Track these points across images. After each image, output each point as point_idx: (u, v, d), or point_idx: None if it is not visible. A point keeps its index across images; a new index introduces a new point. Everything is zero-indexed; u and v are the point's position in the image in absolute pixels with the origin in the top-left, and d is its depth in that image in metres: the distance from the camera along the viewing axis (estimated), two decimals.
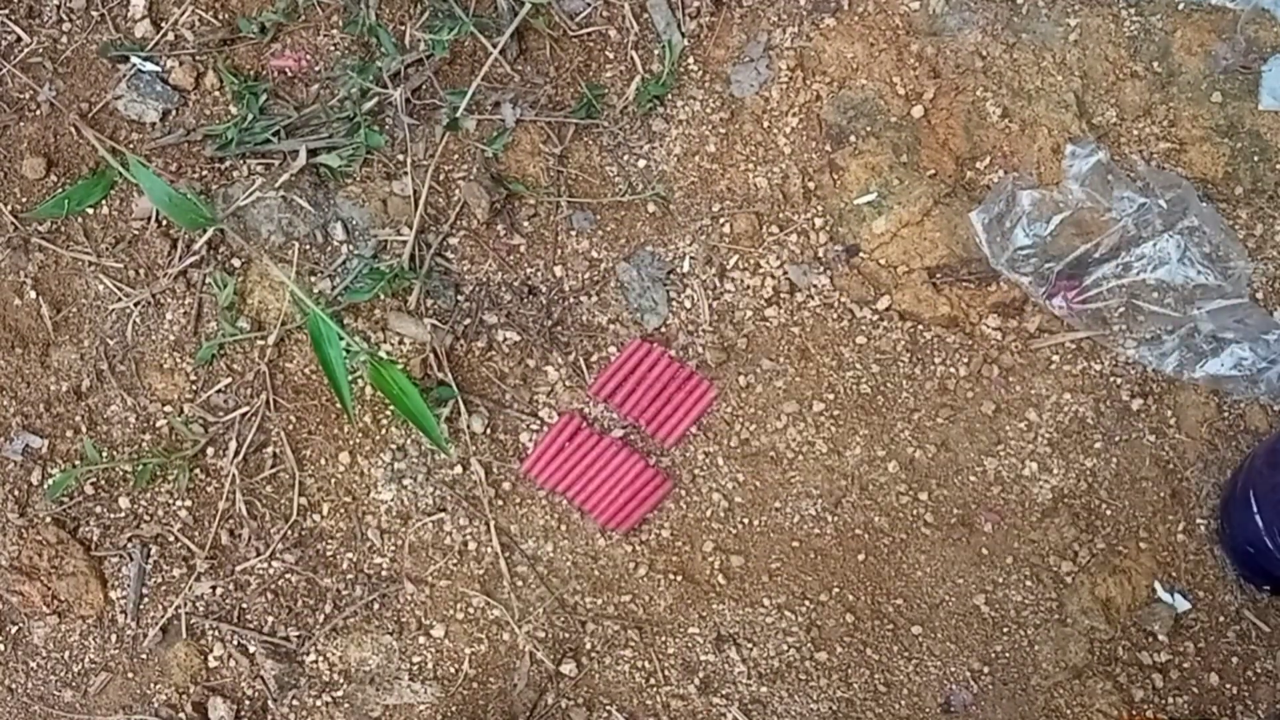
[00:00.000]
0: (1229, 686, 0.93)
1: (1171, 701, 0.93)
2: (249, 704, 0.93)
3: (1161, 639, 0.94)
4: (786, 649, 0.94)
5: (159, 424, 0.96)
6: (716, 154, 0.98)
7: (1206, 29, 0.98)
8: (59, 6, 1.00)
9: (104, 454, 0.95)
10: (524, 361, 0.96)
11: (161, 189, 0.91)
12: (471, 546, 0.95)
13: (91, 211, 0.98)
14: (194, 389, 0.96)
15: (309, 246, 0.97)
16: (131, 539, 0.95)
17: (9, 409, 0.96)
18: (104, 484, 0.96)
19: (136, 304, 0.96)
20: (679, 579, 0.94)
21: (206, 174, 0.98)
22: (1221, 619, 0.94)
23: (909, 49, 0.98)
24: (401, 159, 0.97)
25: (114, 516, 0.95)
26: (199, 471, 0.95)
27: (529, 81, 0.99)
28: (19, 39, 0.99)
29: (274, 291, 0.96)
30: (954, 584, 0.94)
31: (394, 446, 0.95)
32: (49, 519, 0.95)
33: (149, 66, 0.98)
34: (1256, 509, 0.88)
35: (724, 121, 0.98)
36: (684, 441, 0.95)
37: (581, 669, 0.94)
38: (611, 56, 1.00)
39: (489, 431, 0.96)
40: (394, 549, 0.95)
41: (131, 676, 0.94)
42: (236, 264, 0.97)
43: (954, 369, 0.95)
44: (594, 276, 0.97)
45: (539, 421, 0.96)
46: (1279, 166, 0.97)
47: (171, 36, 0.99)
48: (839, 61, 0.98)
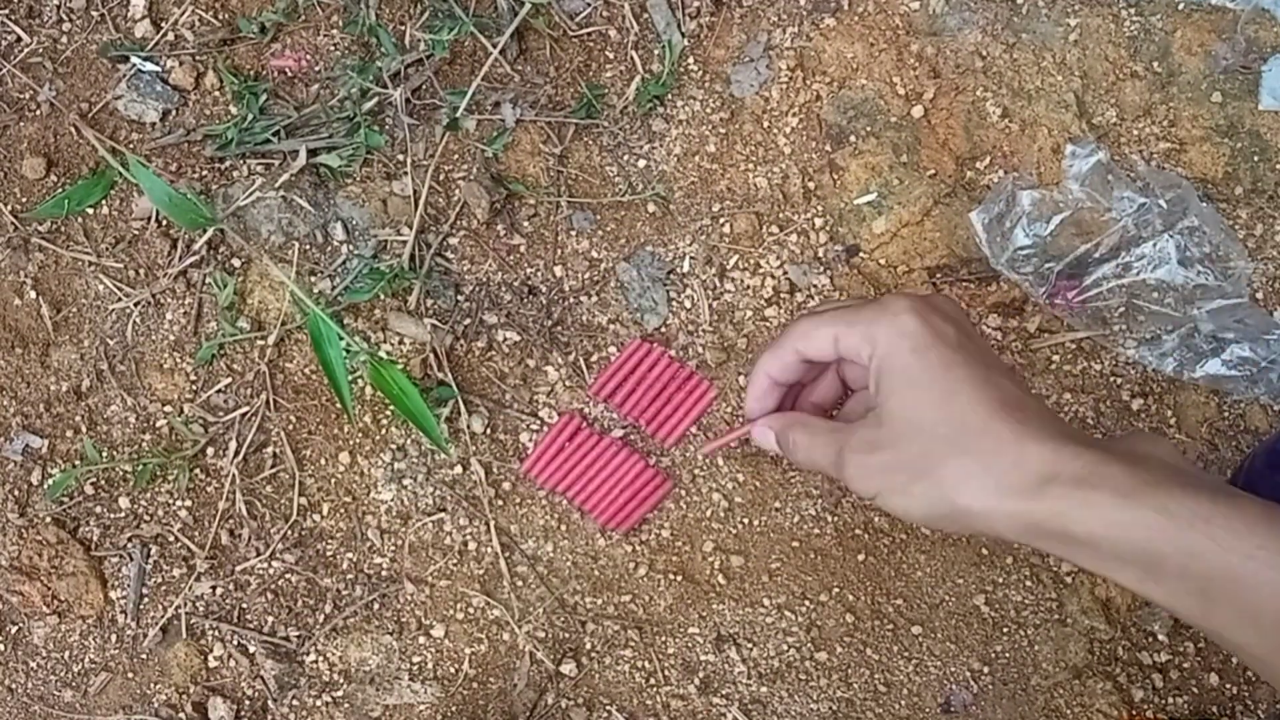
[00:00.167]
0: (1229, 686, 0.94)
1: (1171, 701, 0.93)
2: (249, 704, 0.94)
3: (1161, 639, 0.94)
4: (786, 649, 0.94)
5: (159, 424, 0.96)
6: (716, 154, 0.98)
7: (1206, 29, 0.98)
8: (59, 6, 1.00)
9: (104, 454, 0.95)
10: (524, 361, 0.96)
11: (161, 189, 0.91)
12: (471, 546, 0.95)
13: (91, 211, 0.98)
14: (194, 389, 0.96)
15: (309, 246, 0.97)
16: (131, 539, 0.95)
17: (9, 409, 0.96)
18: (104, 484, 0.96)
19: (136, 304, 0.97)
20: (679, 579, 0.94)
21: (206, 174, 0.98)
22: None
23: (909, 49, 0.98)
24: (401, 159, 0.97)
25: (114, 516, 0.95)
26: (199, 471, 0.95)
27: (529, 81, 0.99)
28: (19, 39, 0.99)
29: (274, 291, 0.96)
30: (954, 584, 0.94)
31: (394, 446, 0.95)
32: (49, 519, 0.95)
33: (149, 66, 0.98)
34: None
35: (724, 121, 0.98)
36: (684, 441, 0.95)
37: (581, 669, 0.94)
38: (611, 56, 1.00)
39: (489, 431, 0.96)
40: (394, 549, 0.95)
41: (131, 676, 0.94)
42: (236, 264, 0.97)
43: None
44: (594, 276, 0.97)
45: (539, 421, 0.96)
46: (1279, 166, 0.97)
47: (171, 36, 0.99)
48: (839, 61, 0.98)
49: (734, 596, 0.94)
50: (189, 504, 0.95)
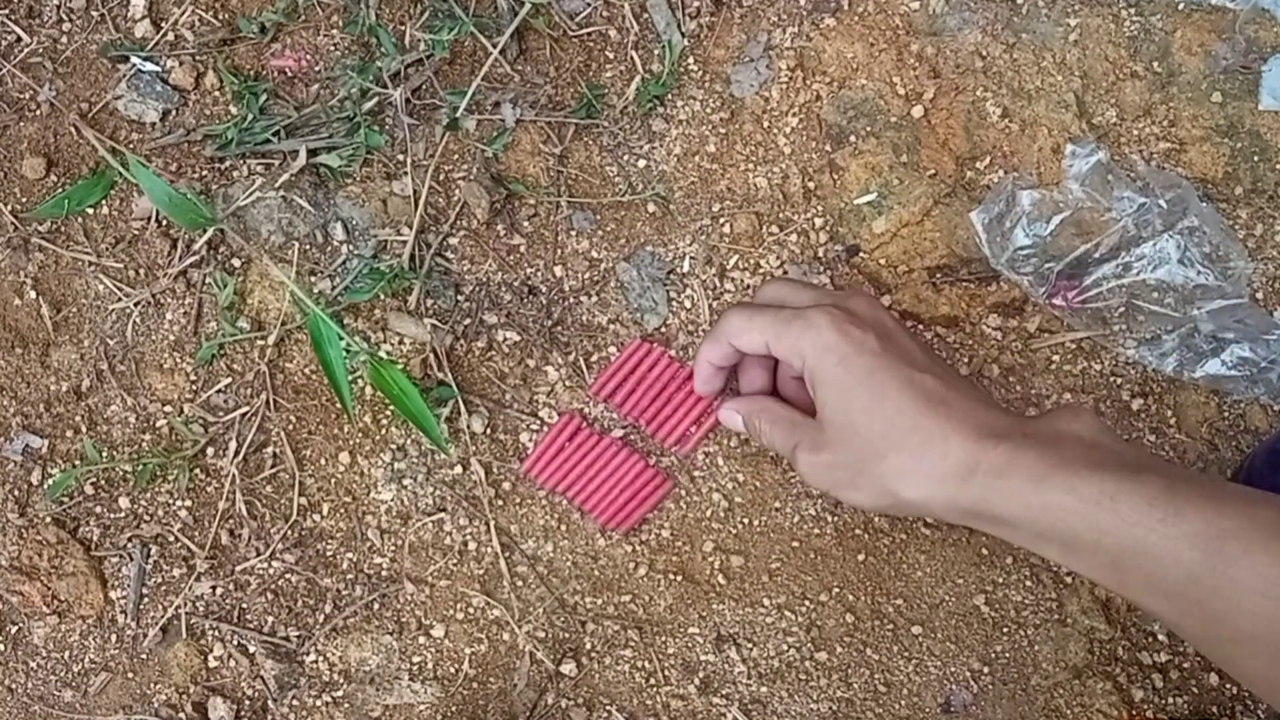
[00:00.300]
0: (1229, 686, 0.94)
1: (1171, 701, 0.93)
2: (249, 704, 0.94)
3: (1161, 639, 0.94)
4: (786, 649, 0.94)
5: (159, 424, 0.96)
6: (716, 154, 0.98)
7: (1206, 29, 0.98)
8: (59, 6, 1.00)
9: (104, 454, 0.95)
10: (524, 361, 0.96)
11: (161, 189, 0.91)
12: (471, 546, 0.95)
13: (91, 211, 0.98)
14: (194, 389, 0.96)
15: (309, 246, 0.97)
16: (131, 539, 0.95)
17: (9, 409, 0.96)
18: (104, 484, 0.96)
19: (136, 304, 0.97)
20: (679, 579, 0.94)
21: (206, 174, 0.98)
22: None
23: (909, 49, 0.98)
24: (401, 159, 0.97)
25: (114, 516, 0.95)
26: (199, 471, 0.95)
27: (529, 81, 0.99)
28: (19, 39, 0.99)
29: (274, 291, 0.96)
30: (954, 584, 0.94)
31: (394, 446, 0.95)
32: (49, 519, 0.95)
33: (149, 66, 0.98)
34: None
35: (724, 121, 0.98)
36: (687, 444, 0.95)
37: (581, 669, 0.94)
38: (611, 56, 1.00)
39: (489, 431, 0.96)
40: (394, 549, 0.95)
41: (131, 676, 0.94)
42: (236, 264, 0.97)
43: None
44: (594, 276, 0.97)
45: (539, 421, 0.96)
46: (1279, 166, 0.97)
47: (171, 36, 0.99)
48: (839, 61, 0.98)
49: (734, 596, 0.94)
50: (189, 504, 0.95)
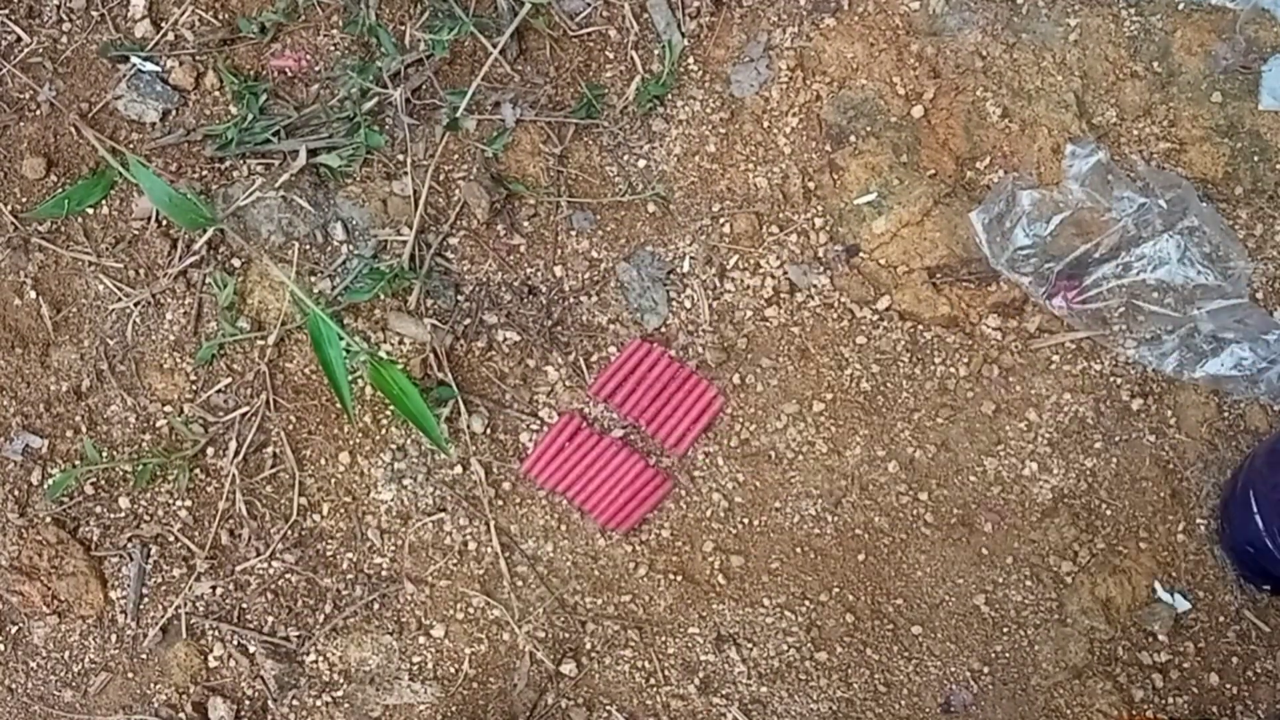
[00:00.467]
0: (1229, 686, 0.93)
1: (1171, 701, 0.93)
2: (249, 704, 0.93)
3: (1161, 639, 0.94)
4: (786, 649, 0.94)
5: (159, 424, 0.96)
6: (716, 154, 0.98)
7: (1206, 29, 0.98)
8: (59, 6, 1.00)
9: (104, 454, 0.95)
10: (524, 361, 0.96)
11: (161, 189, 0.91)
12: (471, 546, 0.95)
13: (91, 211, 0.98)
14: (194, 389, 0.96)
15: (309, 246, 0.97)
16: (131, 539, 0.95)
17: (9, 409, 0.96)
18: (104, 484, 0.96)
19: (136, 304, 0.96)
20: (679, 579, 0.94)
21: (206, 174, 0.98)
22: (1221, 619, 0.94)
23: (909, 49, 0.98)
24: (401, 159, 0.97)
25: (114, 516, 0.95)
26: (199, 471, 0.95)
27: (529, 81, 0.99)
28: (19, 39, 0.99)
29: (274, 291, 0.96)
30: (954, 584, 0.94)
31: (394, 446, 0.95)
32: (49, 519, 0.95)
33: (149, 66, 0.98)
34: (1256, 509, 0.88)
35: (724, 121, 0.98)
36: (690, 446, 0.95)
37: (581, 669, 0.94)
38: (611, 56, 1.00)
39: (489, 431, 0.96)
40: (394, 549, 0.95)
41: (131, 676, 0.94)
42: (236, 264, 0.97)
43: (954, 369, 0.95)
44: (594, 276, 0.97)
45: (539, 421, 0.96)
46: (1279, 166, 0.97)
47: (171, 36, 0.99)
48: (839, 61, 0.98)
49: (734, 596, 0.94)
50: (189, 504, 0.95)
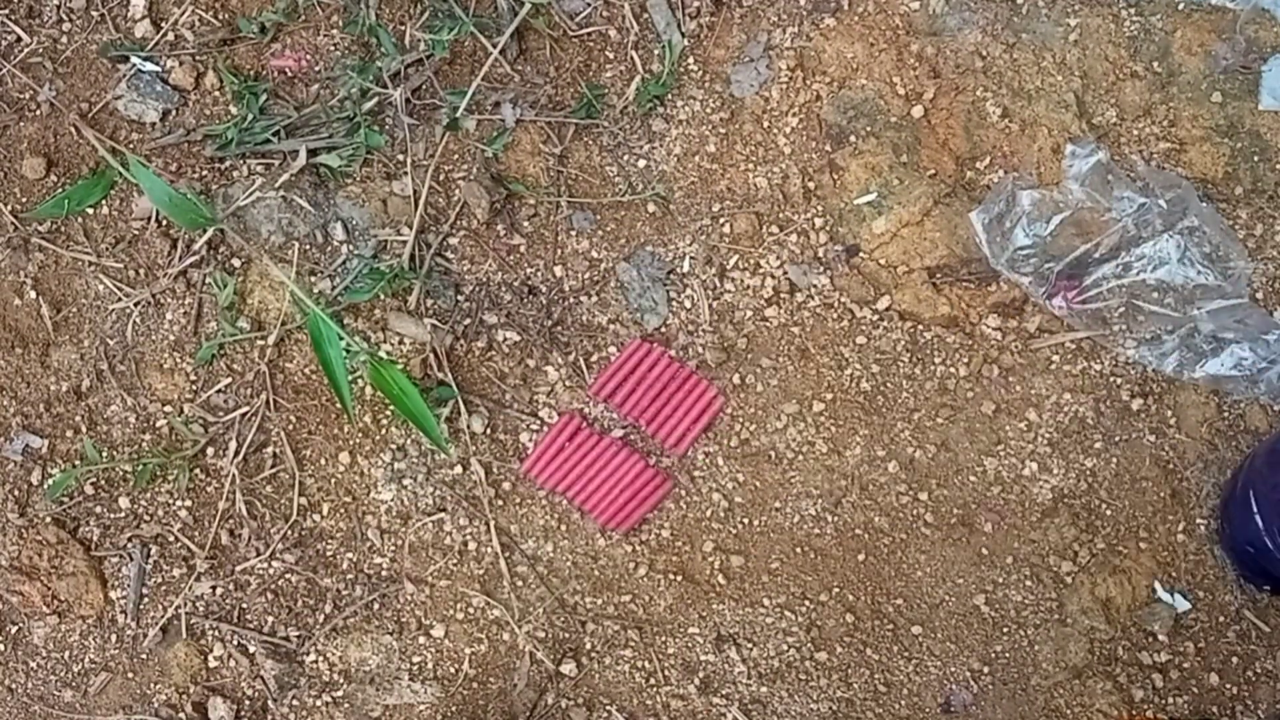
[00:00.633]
0: (1229, 686, 0.93)
1: (1171, 701, 0.93)
2: (249, 704, 0.93)
3: (1161, 639, 0.94)
4: (786, 649, 0.94)
5: (159, 424, 0.96)
6: (716, 154, 0.98)
7: (1206, 29, 0.98)
8: (59, 6, 1.00)
9: (104, 454, 0.95)
10: (524, 361, 0.96)
11: (161, 189, 0.91)
12: (471, 546, 0.95)
13: (91, 211, 0.98)
14: (194, 389, 0.96)
15: (309, 246, 0.97)
16: (131, 539, 0.95)
17: (9, 409, 0.96)
18: (104, 484, 0.96)
19: (136, 304, 0.96)
20: (679, 579, 0.94)
21: (206, 174, 0.98)
22: (1221, 619, 0.94)
23: (909, 49, 0.98)
24: (401, 159, 0.97)
25: (114, 516, 0.95)
26: (199, 471, 0.95)
27: (529, 81, 0.99)
28: (19, 39, 0.99)
29: (274, 291, 0.96)
30: (954, 584, 0.94)
31: (394, 446, 0.95)
32: (49, 519, 0.95)
33: (149, 66, 0.98)
34: (1256, 509, 0.88)
35: (724, 121, 0.98)
36: (690, 446, 0.95)
37: (581, 669, 0.94)
38: (611, 56, 1.00)
39: (489, 431, 0.96)
40: (394, 549, 0.95)
41: (131, 676, 0.94)
42: (236, 264, 0.97)
43: (954, 369, 0.95)
44: (594, 276, 0.97)
45: (539, 421, 0.96)
46: (1279, 166, 0.97)
47: (171, 36, 0.99)
48: (839, 61, 0.98)
49: (734, 596, 0.94)
50: (189, 504, 0.95)
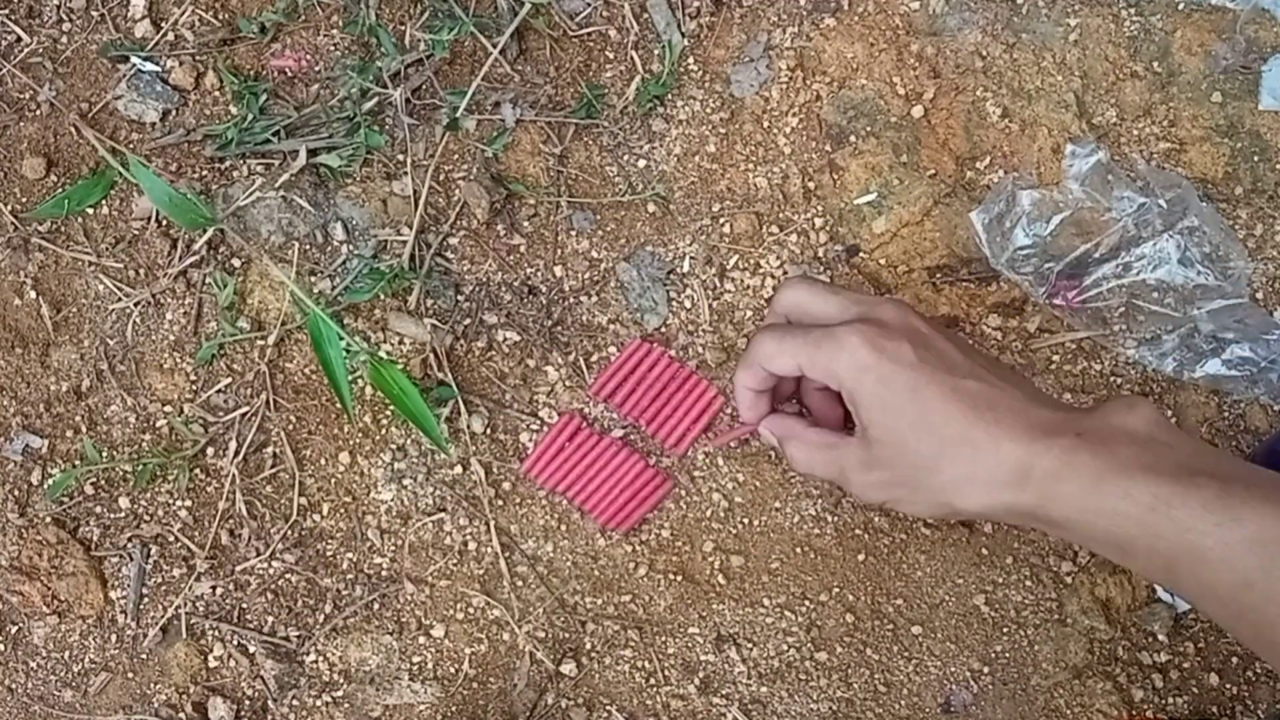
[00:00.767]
0: (1229, 686, 0.94)
1: (1171, 701, 0.93)
2: (249, 704, 0.94)
3: (1161, 639, 0.94)
4: (786, 649, 0.94)
5: (159, 424, 0.96)
6: (716, 154, 0.98)
7: (1206, 29, 0.98)
8: (59, 6, 1.00)
9: (104, 454, 0.95)
10: (524, 361, 0.96)
11: (161, 189, 0.91)
12: (471, 546, 0.95)
13: (91, 211, 0.98)
14: (194, 389, 0.96)
15: (309, 246, 0.97)
16: (131, 539, 0.95)
17: (9, 409, 0.96)
18: (104, 484, 0.96)
19: (136, 304, 0.97)
20: (679, 579, 0.94)
21: (206, 174, 0.98)
22: None
23: (909, 49, 0.98)
24: (401, 159, 0.97)
25: (114, 516, 0.95)
26: (199, 471, 0.95)
27: (529, 81, 0.99)
28: (19, 39, 0.99)
29: (274, 291, 0.96)
30: (954, 584, 0.94)
31: (394, 446, 0.95)
32: (49, 519, 0.95)
33: (149, 66, 0.98)
34: None
35: (724, 121, 0.98)
36: (690, 446, 0.95)
37: (581, 669, 0.94)
38: (611, 56, 1.00)
39: (489, 431, 0.96)
40: (394, 549, 0.95)
41: (131, 676, 0.94)
42: (236, 264, 0.97)
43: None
44: (594, 276, 0.97)
45: (539, 421, 0.96)
46: (1279, 166, 0.97)
47: (171, 36, 0.99)
48: (839, 61, 0.98)
49: (734, 596, 0.94)
50: (189, 504, 0.95)
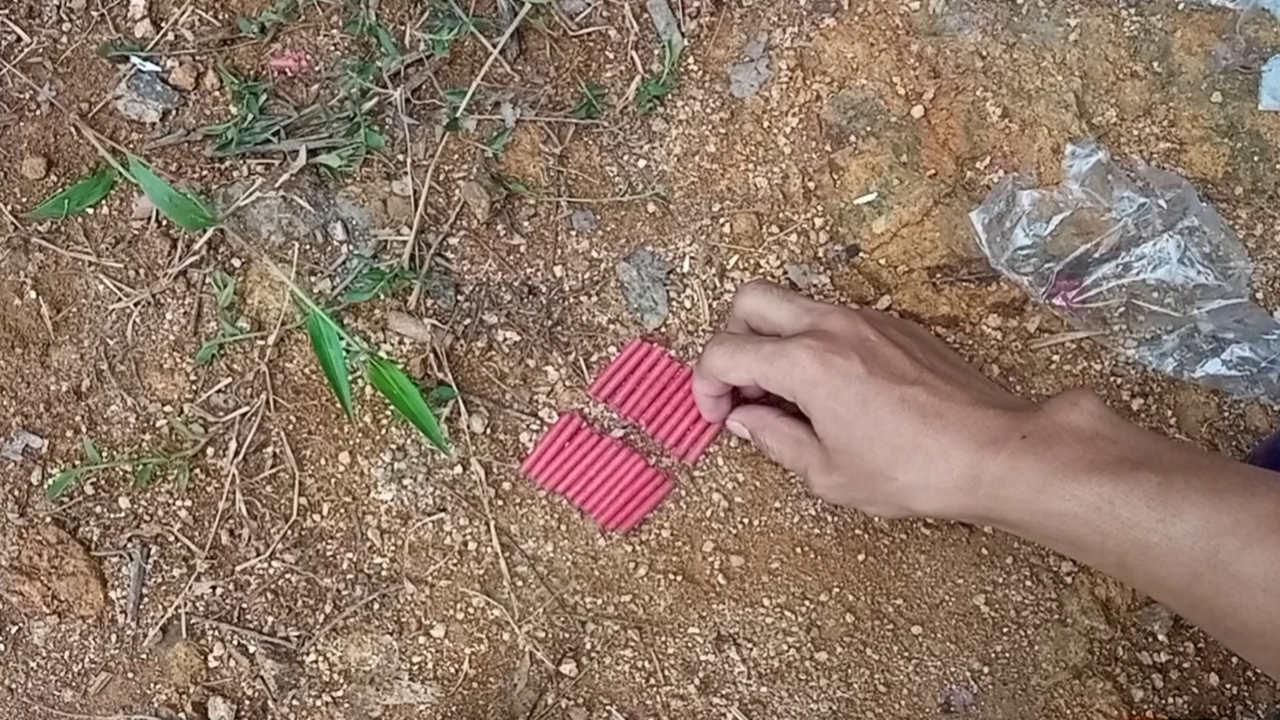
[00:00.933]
0: (1229, 686, 0.94)
1: (1171, 701, 0.93)
2: (249, 704, 0.94)
3: (1161, 639, 0.94)
4: (786, 649, 0.94)
5: (159, 424, 0.96)
6: (716, 154, 0.98)
7: (1206, 29, 0.98)
8: (59, 6, 1.00)
9: (104, 454, 0.95)
10: (524, 361, 0.96)
11: (161, 189, 0.91)
12: (471, 546, 0.95)
13: (91, 211, 0.98)
14: (194, 389, 0.96)
15: (309, 246, 0.97)
16: (131, 539, 0.95)
17: (9, 409, 0.96)
18: (104, 484, 0.96)
19: (136, 304, 0.97)
20: (679, 579, 0.94)
21: (206, 174, 0.98)
22: None
23: (909, 49, 0.98)
24: (401, 159, 0.97)
25: (114, 516, 0.95)
26: (199, 471, 0.95)
27: (529, 81, 0.99)
28: (19, 39, 0.99)
29: (274, 291, 0.96)
30: (954, 584, 0.94)
31: (394, 446, 0.95)
32: (49, 519, 0.95)
33: (149, 66, 0.98)
34: None
35: (724, 121, 0.98)
36: (690, 446, 0.95)
37: (581, 669, 0.94)
38: (611, 56, 1.00)
39: (489, 431, 0.96)
40: (394, 549, 0.95)
41: (131, 676, 0.94)
42: (236, 264, 0.97)
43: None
44: (594, 276, 0.97)
45: (539, 421, 0.96)
46: (1279, 166, 0.97)
47: (171, 36, 0.99)
48: (839, 61, 0.98)
49: (734, 596, 0.94)
50: (189, 504, 0.95)
